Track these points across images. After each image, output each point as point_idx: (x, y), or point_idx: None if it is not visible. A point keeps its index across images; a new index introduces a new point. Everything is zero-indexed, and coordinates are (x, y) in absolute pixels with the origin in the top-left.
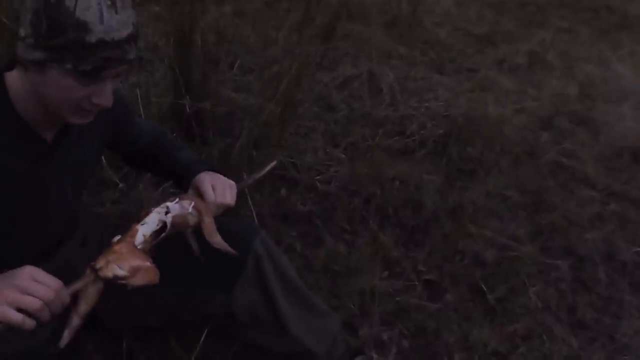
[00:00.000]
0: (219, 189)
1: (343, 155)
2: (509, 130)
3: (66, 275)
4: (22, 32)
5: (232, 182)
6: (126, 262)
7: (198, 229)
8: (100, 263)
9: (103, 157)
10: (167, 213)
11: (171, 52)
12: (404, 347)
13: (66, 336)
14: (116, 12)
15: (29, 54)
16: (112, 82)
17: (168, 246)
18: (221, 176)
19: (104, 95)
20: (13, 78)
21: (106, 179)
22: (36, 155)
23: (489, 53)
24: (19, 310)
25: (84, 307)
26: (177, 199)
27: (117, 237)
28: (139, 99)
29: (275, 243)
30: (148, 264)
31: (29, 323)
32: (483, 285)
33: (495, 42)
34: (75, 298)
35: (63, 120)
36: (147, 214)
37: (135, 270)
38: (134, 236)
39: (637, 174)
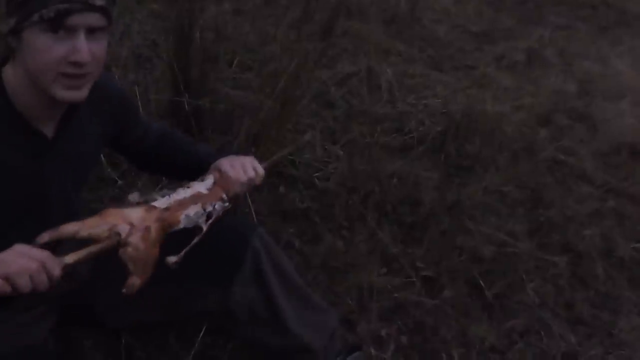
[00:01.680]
0: (239, 166)
1: (341, 152)
2: (507, 127)
3: (66, 272)
4: (2, 9)
5: (250, 157)
6: (143, 266)
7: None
8: (132, 238)
9: (102, 155)
10: (208, 218)
11: (170, 50)
12: (402, 343)
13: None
14: None
15: (6, 25)
16: (88, 39)
17: (166, 243)
18: (239, 156)
19: (80, 50)
20: (9, 72)
21: (105, 176)
22: (36, 150)
23: (487, 50)
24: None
25: (83, 256)
26: (216, 192)
27: (161, 199)
28: (138, 96)
29: (273, 240)
30: (150, 273)
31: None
32: (481, 282)
33: (493, 39)
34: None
35: (54, 98)
36: (197, 198)
37: (138, 279)
38: (172, 227)
39: (635, 171)
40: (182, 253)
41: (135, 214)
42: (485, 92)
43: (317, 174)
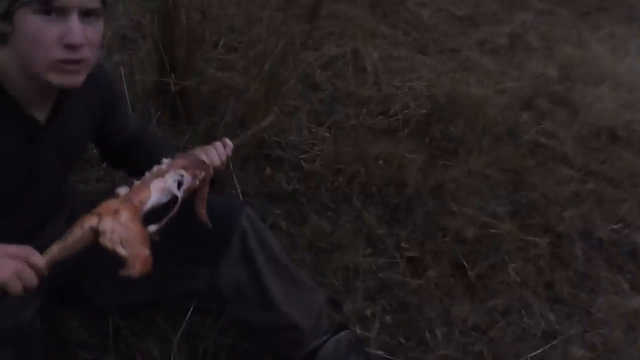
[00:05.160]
0: (212, 150)
1: (327, 134)
2: (490, 110)
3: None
4: None
5: (217, 143)
6: (131, 243)
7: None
8: (103, 225)
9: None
10: (179, 185)
11: (155, 30)
12: (387, 322)
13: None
14: None
15: None
16: (82, 22)
17: (150, 219)
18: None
19: (73, 31)
20: (1, 57)
21: (91, 157)
22: (29, 136)
23: (471, 34)
24: None
25: (64, 251)
26: (181, 165)
27: (124, 190)
28: (123, 78)
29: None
30: (148, 252)
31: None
32: (464, 262)
33: (477, 24)
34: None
35: (49, 86)
36: (160, 173)
37: (135, 258)
38: (143, 203)
39: (614, 154)
40: (163, 222)
41: (103, 204)
42: (469, 76)
43: (303, 156)
